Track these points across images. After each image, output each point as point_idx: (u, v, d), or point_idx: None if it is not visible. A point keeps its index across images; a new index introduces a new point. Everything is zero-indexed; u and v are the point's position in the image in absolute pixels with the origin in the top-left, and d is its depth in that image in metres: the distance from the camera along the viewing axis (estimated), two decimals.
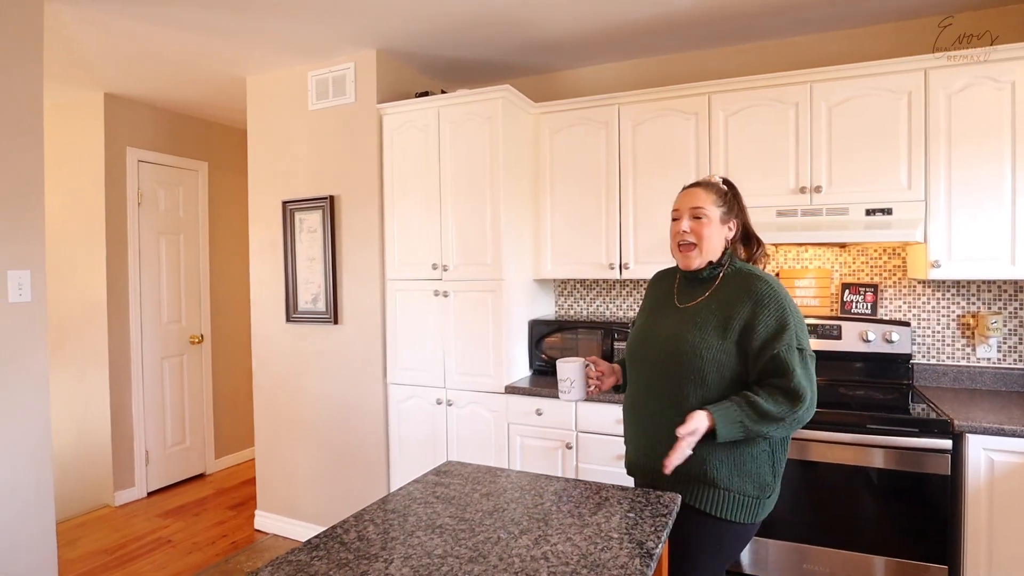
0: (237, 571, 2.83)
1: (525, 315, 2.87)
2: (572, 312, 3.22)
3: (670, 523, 1.25)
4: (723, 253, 1.50)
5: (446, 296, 2.75)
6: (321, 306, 3.09)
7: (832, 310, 2.71)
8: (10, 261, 2.16)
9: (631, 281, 3.07)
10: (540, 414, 2.57)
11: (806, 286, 2.74)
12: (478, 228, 2.68)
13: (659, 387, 1.45)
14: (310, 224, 3.11)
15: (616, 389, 1.70)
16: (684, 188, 1.56)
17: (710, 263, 1.49)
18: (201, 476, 4.17)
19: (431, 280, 2.79)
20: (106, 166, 3.56)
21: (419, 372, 2.83)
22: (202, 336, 4.18)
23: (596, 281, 3.16)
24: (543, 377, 2.80)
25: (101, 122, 3.53)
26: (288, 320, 3.19)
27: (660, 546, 1.14)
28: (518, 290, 2.78)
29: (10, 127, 2.17)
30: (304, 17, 2.53)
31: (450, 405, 2.76)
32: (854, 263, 2.69)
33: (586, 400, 2.07)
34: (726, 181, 1.56)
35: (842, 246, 2.69)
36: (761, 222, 2.43)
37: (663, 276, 1.68)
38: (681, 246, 1.50)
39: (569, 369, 1.59)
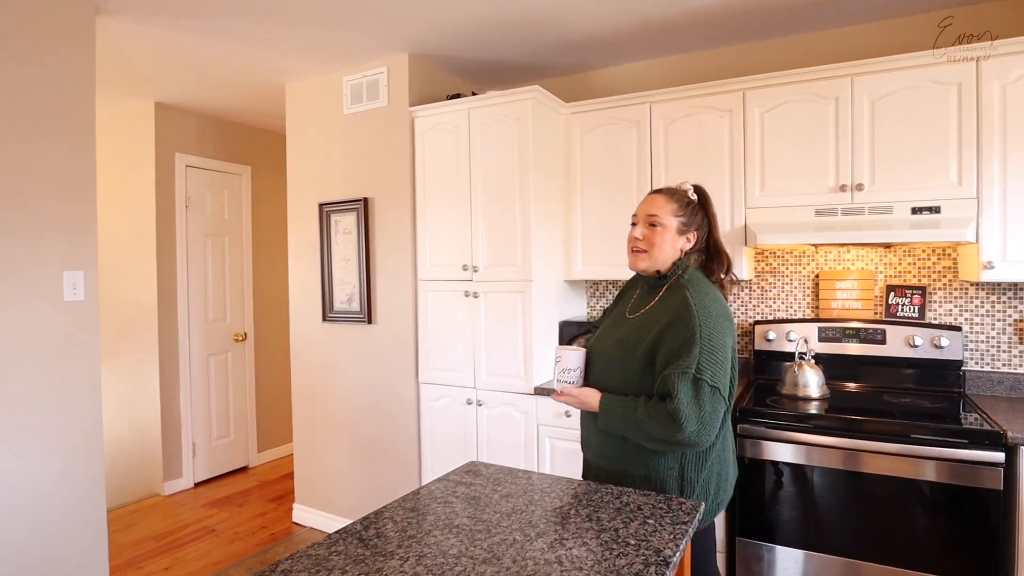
0: (273, 562, 2.92)
1: (555, 316, 2.86)
2: None
3: (690, 531, 1.22)
4: (674, 264, 1.49)
5: (476, 297, 2.76)
6: (356, 306, 3.15)
7: (876, 313, 2.60)
8: (66, 263, 2.29)
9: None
10: (569, 416, 2.55)
11: (848, 288, 2.64)
12: (508, 229, 2.68)
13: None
14: (345, 226, 3.18)
15: None
16: (648, 194, 1.56)
17: (658, 273, 1.50)
18: (244, 469, 4.32)
19: (461, 281, 2.81)
20: (156, 171, 3.72)
21: (450, 372, 2.86)
22: (245, 334, 4.32)
23: None
24: None
25: (152, 130, 3.70)
26: (324, 319, 3.26)
27: (678, 554, 1.12)
28: (548, 291, 2.78)
29: (65, 137, 2.29)
30: (339, 24, 2.58)
31: (480, 405, 2.77)
32: (900, 264, 2.58)
33: None
34: (697, 189, 1.54)
35: (887, 246, 2.58)
36: (798, 222, 2.36)
37: (635, 281, 1.67)
38: (633, 250, 1.52)
39: (574, 358, 1.52)
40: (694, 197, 1.52)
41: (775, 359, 2.68)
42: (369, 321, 3.11)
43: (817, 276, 2.71)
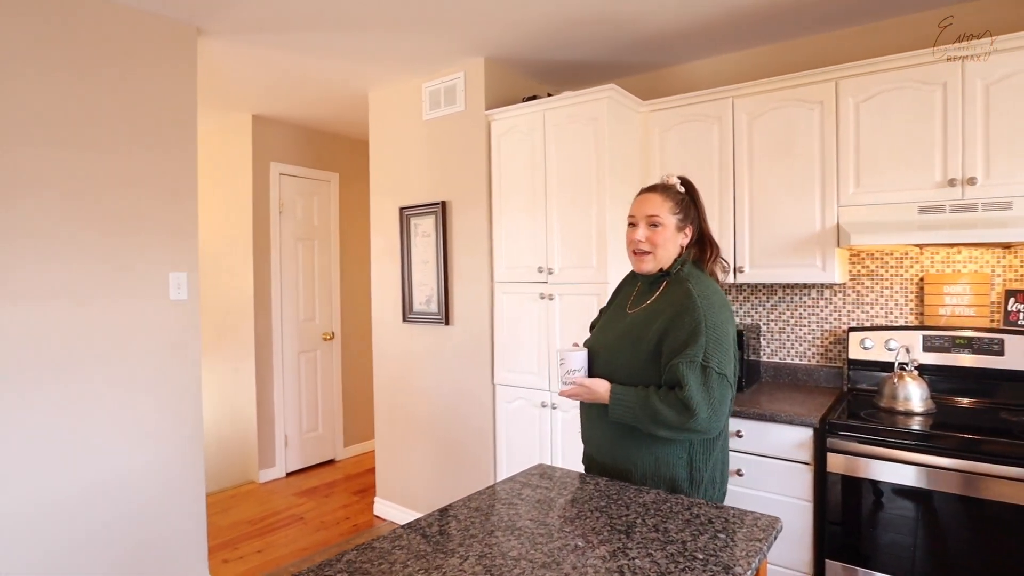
0: (339, 553, 3.03)
1: None
2: None
3: (766, 549, 1.15)
4: (675, 260, 1.51)
5: (551, 299, 2.75)
6: (434, 307, 3.23)
7: (993, 321, 2.35)
8: (171, 264, 2.49)
9: (747, 286, 2.88)
10: (742, 436, 2.46)
11: (958, 293, 2.40)
12: (583, 230, 2.65)
13: None
14: (424, 229, 3.26)
15: None
16: (641, 192, 1.55)
17: (661, 269, 1.51)
18: (331, 462, 4.53)
19: (536, 283, 2.80)
20: (253, 180, 3.99)
21: (524, 374, 2.86)
22: (333, 333, 4.53)
23: None
24: None
25: (249, 141, 3.96)
26: (404, 320, 3.36)
27: (750, 572, 1.06)
28: None
29: (170, 148, 2.50)
30: (419, 32, 2.66)
31: (554, 409, 2.76)
32: (1022, 267, 2.31)
33: None
34: (685, 182, 1.55)
35: (1006, 247, 2.32)
36: (899, 220, 2.17)
37: (632, 278, 1.67)
38: (636, 252, 1.52)
39: (578, 358, 1.51)
40: (682, 190, 1.54)
41: (872, 369, 2.48)
42: (446, 322, 3.17)
43: (922, 279, 2.48)
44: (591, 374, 1.54)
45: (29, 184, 2.12)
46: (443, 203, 3.15)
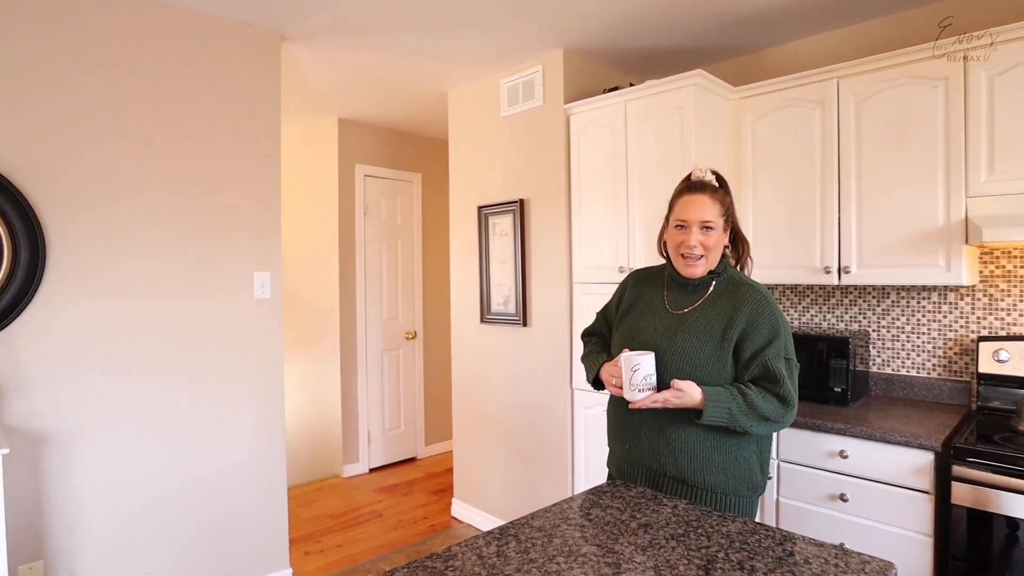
0: (390, 570, 3.03)
1: None
2: None
3: None
4: (721, 258, 1.52)
5: None
6: (511, 308, 3.16)
7: None
8: (256, 264, 2.58)
9: (854, 288, 2.59)
10: (847, 457, 2.26)
11: None
12: None
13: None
14: (502, 228, 3.20)
15: (597, 384, 1.63)
16: (687, 192, 1.49)
17: (708, 271, 1.50)
18: (413, 460, 4.59)
19: (617, 283, 2.66)
20: (339, 182, 4.10)
21: None
22: (415, 332, 4.59)
23: (810, 287, 2.72)
24: None
25: (335, 144, 4.08)
26: (482, 321, 3.32)
27: None
28: None
29: (254, 152, 2.58)
30: (495, 26, 2.60)
31: None
32: None
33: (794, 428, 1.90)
34: (718, 177, 1.51)
35: None
36: None
37: (648, 276, 1.65)
38: (687, 256, 1.48)
39: (649, 361, 1.42)
40: (717, 185, 1.50)
41: (1008, 385, 2.14)
42: (524, 323, 3.09)
43: None
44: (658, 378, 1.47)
45: (125, 185, 2.25)
46: (521, 201, 3.08)
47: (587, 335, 1.78)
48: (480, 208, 3.30)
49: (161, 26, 2.32)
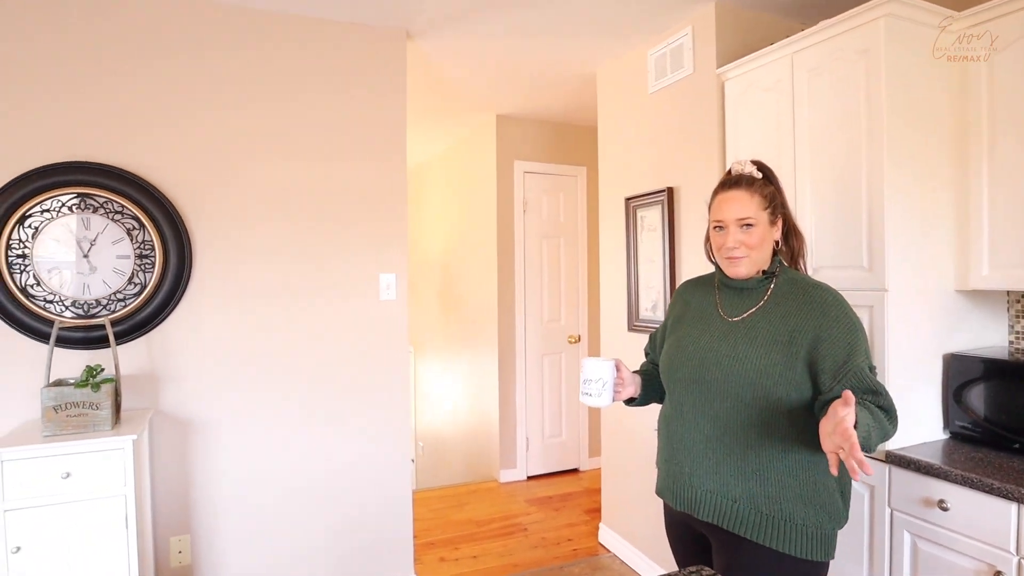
0: None
1: (935, 346, 1.86)
2: None
3: None
4: (772, 258, 1.37)
5: None
6: (660, 315, 2.72)
7: None
8: (381, 266, 2.57)
9: None
10: (946, 509, 1.60)
11: None
12: (847, 215, 1.86)
13: (714, 408, 1.32)
14: (650, 222, 2.77)
15: (629, 402, 1.52)
16: (722, 189, 1.37)
17: (761, 271, 1.36)
18: (575, 471, 4.33)
19: None
20: (497, 179, 4.02)
21: None
22: (579, 336, 4.32)
23: None
24: (966, 447, 1.76)
25: (493, 141, 4.00)
26: (629, 328, 2.93)
27: None
28: (919, 306, 1.82)
29: (380, 155, 2.56)
30: None
31: None
32: None
33: None
34: (761, 166, 1.38)
35: None
36: None
37: (697, 284, 1.54)
38: (728, 258, 1.36)
39: (603, 368, 1.38)
40: (759, 175, 1.36)
41: None
42: None
43: None
44: (707, 385, 1.34)
45: (259, 194, 2.38)
46: (669, 190, 2.62)
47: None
48: (627, 200, 2.91)
49: (290, 41, 2.41)
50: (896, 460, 1.72)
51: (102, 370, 1.96)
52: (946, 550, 1.60)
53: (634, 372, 1.56)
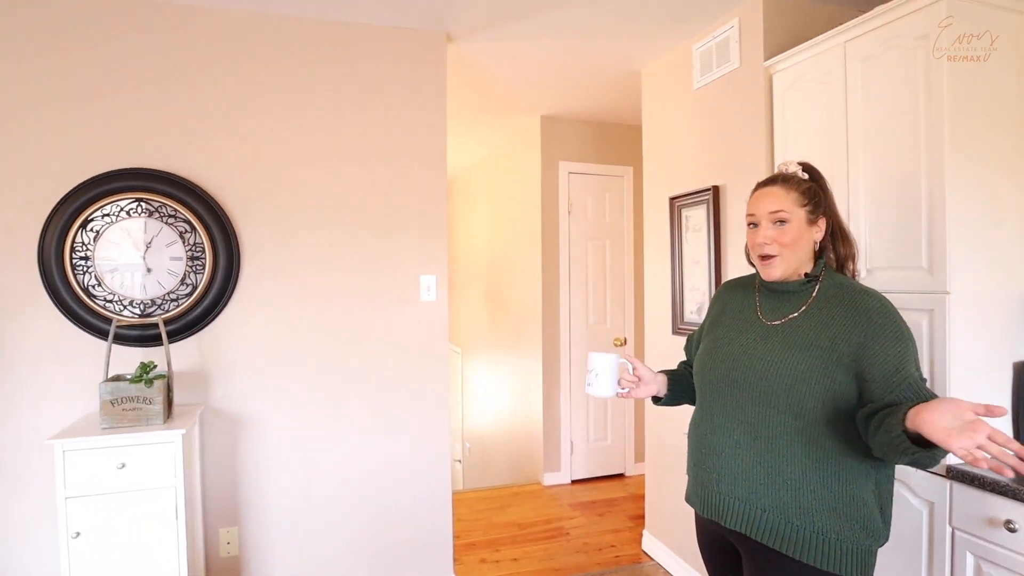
0: None
1: (1004, 353, 1.72)
2: None
3: None
4: (816, 261, 1.31)
5: None
6: None
7: None
8: (422, 268, 2.59)
9: None
10: (1014, 530, 1.47)
11: None
12: (905, 212, 1.74)
13: (745, 413, 1.27)
14: (695, 221, 2.69)
15: (655, 400, 1.53)
16: (760, 186, 1.33)
17: (804, 274, 1.30)
18: (620, 476, 4.25)
19: None
20: (542, 181, 3.99)
21: None
22: (625, 339, 4.24)
23: None
24: None
25: (538, 142, 3.98)
26: (674, 332, 2.85)
27: None
28: (985, 310, 1.69)
29: (420, 158, 2.59)
30: None
31: None
32: None
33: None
34: (807, 167, 1.32)
35: None
36: None
37: (737, 285, 1.48)
38: (762, 256, 1.30)
39: (603, 361, 1.41)
40: (805, 176, 1.31)
41: None
42: None
43: None
44: (739, 389, 1.30)
45: (303, 198, 2.44)
46: (714, 188, 2.53)
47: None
48: (672, 199, 2.83)
49: (333, 48, 2.46)
50: (958, 476, 1.60)
51: (155, 366, 2.06)
52: (1013, 575, 1.47)
53: (661, 371, 1.54)
